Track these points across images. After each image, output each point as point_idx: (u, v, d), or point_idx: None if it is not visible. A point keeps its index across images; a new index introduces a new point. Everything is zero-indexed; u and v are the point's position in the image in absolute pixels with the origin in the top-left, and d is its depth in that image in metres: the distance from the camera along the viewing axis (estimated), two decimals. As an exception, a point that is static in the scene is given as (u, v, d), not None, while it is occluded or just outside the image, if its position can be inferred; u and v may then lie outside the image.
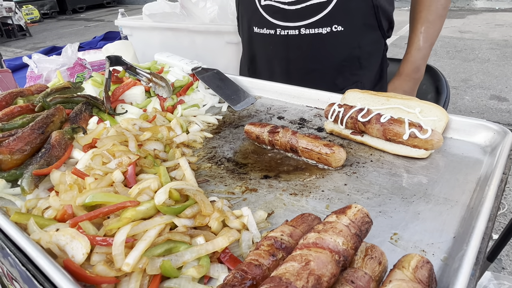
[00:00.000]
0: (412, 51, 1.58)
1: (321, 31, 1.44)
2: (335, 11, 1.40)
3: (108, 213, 0.73)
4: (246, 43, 1.74)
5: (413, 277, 0.55)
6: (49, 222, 0.75)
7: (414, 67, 1.60)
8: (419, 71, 1.61)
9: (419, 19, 1.54)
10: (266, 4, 1.50)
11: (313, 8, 1.41)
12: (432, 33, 1.55)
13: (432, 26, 1.54)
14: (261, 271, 0.59)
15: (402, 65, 1.64)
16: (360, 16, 1.45)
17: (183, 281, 0.63)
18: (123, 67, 1.50)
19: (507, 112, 4.86)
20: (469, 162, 0.97)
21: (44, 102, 1.16)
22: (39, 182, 0.91)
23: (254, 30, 1.61)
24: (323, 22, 1.43)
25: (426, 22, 1.53)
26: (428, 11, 1.52)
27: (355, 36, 1.48)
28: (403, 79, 1.64)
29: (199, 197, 0.79)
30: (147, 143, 1.06)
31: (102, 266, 0.63)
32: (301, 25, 1.45)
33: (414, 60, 1.59)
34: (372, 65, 1.60)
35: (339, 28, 1.43)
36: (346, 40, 1.47)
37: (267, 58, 1.67)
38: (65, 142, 1.02)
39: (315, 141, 1.02)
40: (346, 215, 0.60)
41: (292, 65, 1.58)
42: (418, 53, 1.58)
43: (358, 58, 1.53)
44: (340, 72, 1.55)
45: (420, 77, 1.64)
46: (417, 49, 1.57)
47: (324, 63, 1.54)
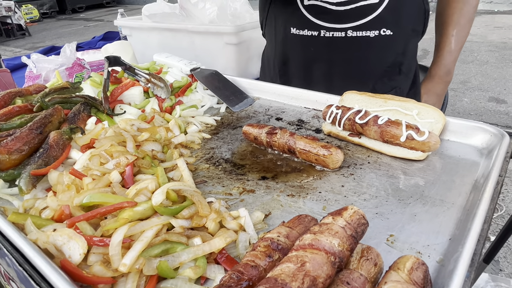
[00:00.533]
0: (444, 54, 1.56)
1: (369, 34, 1.39)
2: (385, 14, 1.35)
3: (105, 213, 0.73)
4: (280, 45, 1.65)
5: (408, 278, 0.55)
6: (47, 222, 0.75)
7: (446, 70, 1.59)
8: (450, 73, 1.60)
9: (451, 22, 1.51)
10: (310, 4, 1.43)
11: (363, 9, 1.36)
12: (462, 36, 1.54)
13: (463, 29, 1.52)
14: (257, 272, 0.59)
15: (433, 68, 1.62)
16: (410, 21, 1.41)
17: (180, 282, 0.64)
18: (122, 67, 1.50)
19: (506, 114, 4.87)
20: (466, 164, 0.98)
21: (43, 102, 1.17)
22: (37, 182, 0.91)
23: (291, 31, 1.53)
24: (372, 25, 1.37)
25: (458, 25, 1.51)
26: (460, 14, 1.50)
27: (402, 42, 1.44)
28: (436, 82, 1.62)
29: (197, 198, 0.79)
30: (145, 144, 1.06)
31: (99, 267, 0.63)
32: (348, 27, 1.39)
33: (446, 63, 1.57)
34: (410, 71, 1.57)
35: (388, 32, 1.38)
36: (394, 45, 1.43)
37: (305, 61, 1.59)
38: (63, 142, 1.02)
39: (312, 142, 1.03)
40: (342, 216, 0.61)
41: (334, 68, 1.52)
42: (449, 56, 1.56)
43: (400, 64, 1.50)
44: (380, 78, 1.51)
45: (450, 79, 1.63)
46: (449, 52, 1.55)
47: (368, 68, 1.49)
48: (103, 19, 16.03)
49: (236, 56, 2.07)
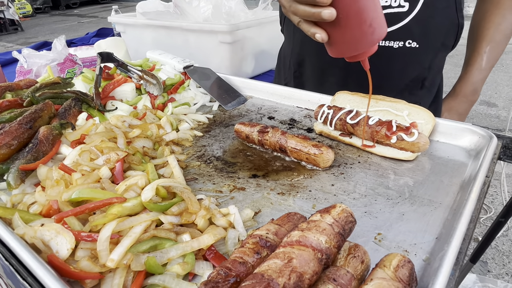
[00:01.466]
0: (474, 71, 1.44)
1: (392, 45, 1.30)
2: (412, 25, 1.25)
3: (94, 209, 0.73)
4: (297, 45, 1.56)
5: (394, 276, 0.56)
6: (34, 217, 0.75)
7: (472, 88, 1.47)
8: (477, 93, 1.49)
9: (485, 37, 1.39)
10: None
11: (388, 17, 1.24)
12: (496, 54, 1.42)
13: (497, 46, 1.40)
14: (245, 269, 0.59)
15: (459, 85, 1.51)
16: (440, 34, 1.31)
17: (168, 278, 0.64)
18: (115, 63, 1.49)
19: (496, 118, 4.94)
20: (454, 165, 0.99)
21: (33, 97, 1.16)
22: (25, 177, 0.90)
23: None
24: (396, 35, 1.28)
25: (493, 41, 1.39)
26: (496, 30, 1.37)
27: (429, 56, 1.34)
28: (460, 100, 1.51)
29: (186, 195, 0.79)
30: (136, 140, 1.05)
31: (87, 262, 0.63)
32: None
33: (474, 82, 1.45)
34: (433, 86, 1.47)
35: (414, 45, 1.29)
36: (418, 59, 1.33)
37: (321, 65, 1.51)
38: (53, 137, 1.01)
39: (304, 141, 1.03)
40: (330, 214, 0.61)
41: (351, 78, 1.43)
42: (479, 74, 1.44)
43: (424, 79, 1.40)
44: (400, 92, 1.41)
45: (476, 99, 1.51)
46: (479, 70, 1.43)
47: (387, 81, 1.39)
48: (97, 16, 15.90)
49: (230, 55, 2.07)
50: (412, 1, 1.23)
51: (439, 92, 1.52)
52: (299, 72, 1.61)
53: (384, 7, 1.25)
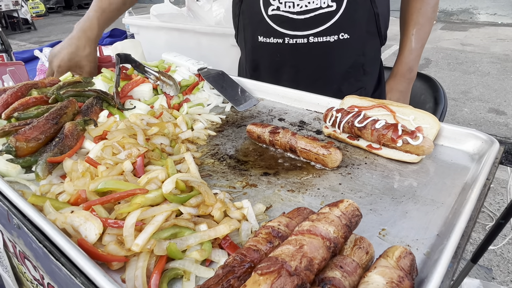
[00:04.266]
0: (405, 53, 1.66)
1: (329, 39, 1.50)
2: (342, 20, 1.46)
3: (119, 198, 0.79)
4: (250, 52, 1.77)
5: (396, 265, 0.61)
6: (63, 205, 0.81)
7: (407, 67, 1.68)
8: (412, 71, 1.69)
9: (410, 21, 1.62)
10: (273, 14, 1.53)
11: (321, 17, 1.46)
12: (423, 34, 1.63)
13: (422, 28, 1.61)
14: (259, 255, 0.65)
15: (396, 66, 1.72)
16: (363, 24, 1.51)
17: (187, 263, 0.69)
18: (132, 64, 1.56)
19: (505, 126, 4.93)
20: (457, 168, 1.03)
21: (58, 95, 1.22)
22: (52, 169, 0.97)
23: (259, 40, 1.64)
24: (331, 31, 1.48)
25: (417, 24, 1.61)
26: (419, 13, 1.60)
27: (359, 44, 1.55)
28: (398, 80, 1.72)
29: (203, 189, 0.85)
30: (154, 138, 1.11)
31: (114, 246, 0.69)
32: (310, 34, 1.50)
33: (407, 61, 1.67)
34: (374, 71, 1.67)
35: (346, 36, 1.49)
36: (352, 48, 1.54)
37: (273, 67, 1.70)
38: (77, 133, 1.07)
39: (313, 142, 1.08)
40: (338, 207, 0.66)
41: (300, 73, 1.63)
42: (410, 54, 1.65)
43: (362, 64, 1.60)
44: (345, 79, 1.61)
45: (414, 76, 1.72)
46: (409, 51, 1.65)
47: (331, 70, 1.59)
48: (109, 16, 16.09)
49: (241, 58, 2.13)
50: (338, 1, 1.44)
51: (381, 78, 1.73)
52: (255, 76, 1.79)
53: (316, 9, 1.46)
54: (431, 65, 7.37)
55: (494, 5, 11.09)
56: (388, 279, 0.56)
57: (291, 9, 1.48)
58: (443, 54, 7.91)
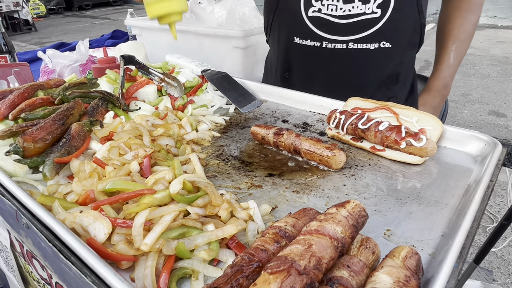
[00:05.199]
0: (443, 68, 1.61)
1: (369, 47, 1.45)
2: (384, 28, 1.41)
3: (127, 198, 0.80)
4: (282, 52, 1.70)
5: (403, 264, 0.62)
6: (72, 205, 0.82)
7: (443, 83, 1.63)
8: (448, 87, 1.65)
9: (451, 36, 1.57)
10: (313, 16, 1.48)
11: (363, 23, 1.42)
12: (461, 51, 1.59)
13: (462, 44, 1.57)
14: (266, 255, 0.66)
15: (431, 81, 1.67)
16: (407, 34, 1.47)
17: (195, 262, 0.70)
18: (136, 66, 1.57)
19: (505, 128, 4.95)
20: (460, 170, 1.05)
21: (64, 96, 1.23)
22: (60, 169, 0.98)
23: (294, 41, 1.58)
24: (372, 38, 1.44)
25: (457, 40, 1.56)
26: (460, 30, 1.55)
27: (400, 53, 1.51)
28: (433, 95, 1.67)
29: (210, 189, 0.86)
30: (159, 139, 1.12)
31: (123, 245, 0.70)
32: (350, 40, 1.45)
33: (444, 77, 1.62)
34: (407, 80, 1.63)
35: (387, 45, 1.45)
36: (392, 57, 1.50)
37: (306, 70, 1.65)
38: (84, 133, 1.08)
39: (317, 143, 1.09)
40: (345, 208, 0.67)
41: (334, 79, 1.58)
42: (448, 70, 1.61)
43: (397, 74, 1.56)
44: (378, 87, 1.57)
45: (448, 93, 1.68)
46: (447, 66, 1.60)
47: (367, 79, 1.55)
48: (109, 17, 16.14)
49: (243, 60, 2.14)
50: (383, 8, 1.38)
51: (413, 88, 1.67)
52: (285, 78, 1.75)
53: (359, 14, 1.41)
54: (431, 67, 7.39)
55: (494, 7, 11.12)
56: (395, 279, 0.57)
57: (333, 13, 1.43)
58: (443, 57, 7.93)
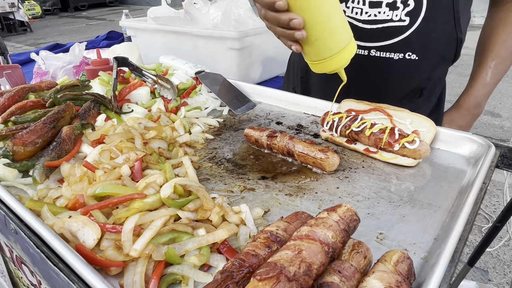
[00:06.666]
0: (477, 86, 1.46)
1: (393, 56, 1.35)
2: (412, 38, 1.30)
3: (117, 203, 0.79)
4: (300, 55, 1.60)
5: (394, 269, 0.61)
6: (61, 210, 0.81)
7: (476, 102, 1.49)
8: (480, 107, 1.50)
9: (491, 52, 1.42)
10: None
11: (390, 31, 1.32)
12: (501, 70, 1.43)
13: (503, 62, 1.42)
14: (257, 260, 0.65)
15: (463, 98, 1.53)
16: (439, 48, 1.35)
17: (186, 268, 0.69)
18: (129, 68, 1.56)
19: (500, 128, 4.96)
20: (454, 172, 1.04)
21: (55, 98, 1.22)
22: (50, 173, 0.97)
23: None
24: (397, 47, 1.33)
25: (498, 57, 1.41)
26: (502, 46, 1.41)
27: (428, 68, 1.39)
28: (462, 113, 1.53)
29: (201, 193, 0.85)
30: (152, 141, 1.11)
31: (112, 251, 0.69)
32: (372, 46, 1.36)
33: (477, 95, 1.47)
34: (432, 95, 1.51)
35: (413, 57, 1.33)
36: (418, 71, 1.38)
37: (324, 75, 1.53)
38: (75, 137, 1.07)
39: (310, 146, 1.09)
40: (336, 212, 0.67)
41: (353, 86, 1.40)
42: (482, 89, 1.46)
43: (422, 89, 1.44)
44: (399, 100, 1.46)
45: (479, 113, 1.52)
46: (483, 84, 1.45)
47: (388, 90, 1.45)
48: (105, 18, 16.09)
49: (238, 61, 2.14)
50: (412, 16, 1.27)
51: (440, 102, 1.55)
52: (306, 77, 1.66)
53: (385, 21, 1.31)
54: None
55: (489, 8, 11.18)
56: (386, 284, 0.57)
57: (357, 16, 1.35)
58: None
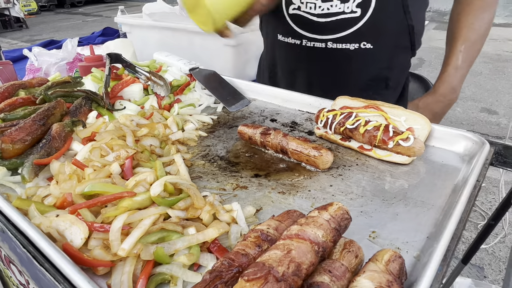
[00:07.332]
0: (449, 70, 1.49)
1: (349, 47, 1.40)
2: (365, 28, 1.35)
3: (106, 202, 0.78)
4: (269, 48, 1.69)
5: (385, 269, 0.60)
6: (49, 209, 0.80)
7: (450, 87, 1.50)
8: (455, 92, 1.51)
9: (460, 37, 1.45)
10: (293, 14, 1.45)
11: (343, 23, 1.37)
12: (472, 52, 1.46)
13: (473, 46, 1.45)
14: (247, 260, 0.64)
15: (437, 84, 1.55)
16: (393, 36, 1.40)
17: (175, 267, 0.68)
18: (123, 64, 1.54)
19: (497, 125, 4.97)
20: (448, 169, 1.03)
21: (46, 95, 1.20)
22: (39, 171, 0.95)
23: (278, 38, 1.57)
24: (352, 38, 1.38)
25: (467, 41, 1.44)
26: (470, 29, 1.43)
27: (385, 56, 1.43)
28: (437, 99, 1.55)
29: (192, 191, 0.84)
30: (144, 139, 1.10)
31: (99, 251, 0.68)
32: (329, 39, 1.42)
33: (450, 80, 1.49)
34: (398, 85, 1.55)
35: (368, 46, 1.39)
36: (375, 59, 1.43)
37: (289, 68, 1.63)
38: (65, 134, 1.06)
39: (304, 143, 1.08)
40: (327, 211, 0.66)
41: (315, 78, 1.54)
42: (455, 73, 1.48)
43: (386, 79, 1.49)
44: (364, 91, 1.49)
45: (455, 99, 1.53)
46: (455, 68, 1.47)
47: (348, 80, 1.50)
48: (101, 15, 16.00)
49: (234, 58, 2.12)
50: (363, 7, 1.32)
51: (404, 91, 1.58)
52: (273, 73, 1.72)
53: (338, 13, 1.36)
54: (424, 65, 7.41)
55: (487, 5, 11.17)
56: (377, 284, 0.56)
57: (311, 11, 1.40)
58: (436, 54, 7.94)
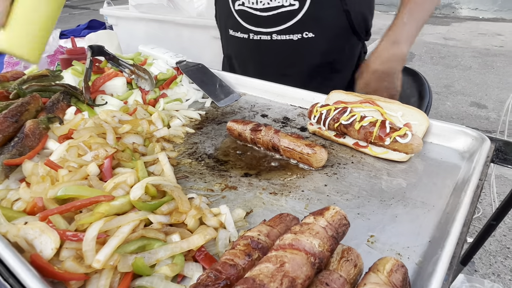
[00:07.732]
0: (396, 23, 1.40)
1: (292, 38, 1.47)
2: (305, 19, 1.42)
3: (80, 207, 0.71)
4: (224, 43, 1.79)
5: (388, 280, 0.55)
6: (18, 215, 0.72)
7: (394, 38, 1.39)
8: (398, 46, 1.38)
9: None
10: (239, 9, 1.52)
11: (284, 15, 1.43)
12: (418, 12, 1.40)
13: (419, 6, 1.39)
14: (236, 271, 0.58)
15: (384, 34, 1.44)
16: (332, 23, 1.46)
17: (156, 280, 0.62)
18: (105, 57, 1.46)
19: (486, 119, 4.99)
20: (447, 167, 0.99)
21: (20, 90, 1.12)
22: (10, 172, 0.88)
23: (229, 32, 1.64)
24: (294, 29, 1.45)
25: (413, 2, 1.39)
26: None
27: (327, 42, 1.49)
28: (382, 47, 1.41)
29: (177, 194, 0.77)
30: (126, 136, 1.03)
31: (71, 262, 0.61)
32: (273, 31, 1.48)
33: (396, 32, 1.39)
34: (346, 69, 1.60)
35: (310, 35, 1.45)
36: (318, 47, 1.49)
37: (241, 60, 1.72)
38: (40, 132, 0.98)
39: (297, 140, 1.02)
40: (323, 216, 0.60)
41: (266, 69, 1.61)
42: (402, 27, 1.39)
43: (331, 63, 1.55)
44: (312, 77, 1.57)
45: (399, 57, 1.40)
46: (402, 23, 1.39)
47: (296, 68, 1.57)
48: (89, 7, 15.65)
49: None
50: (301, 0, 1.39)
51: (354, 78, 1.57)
52: (230, 65, 1.80)
53: (278, 7, 1.42)
54: (415, 59, 7.40)
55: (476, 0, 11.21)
56: (379, 299, 0.50)
57: (254, 6, 1.46)
58: (426, 48, 7.94)
